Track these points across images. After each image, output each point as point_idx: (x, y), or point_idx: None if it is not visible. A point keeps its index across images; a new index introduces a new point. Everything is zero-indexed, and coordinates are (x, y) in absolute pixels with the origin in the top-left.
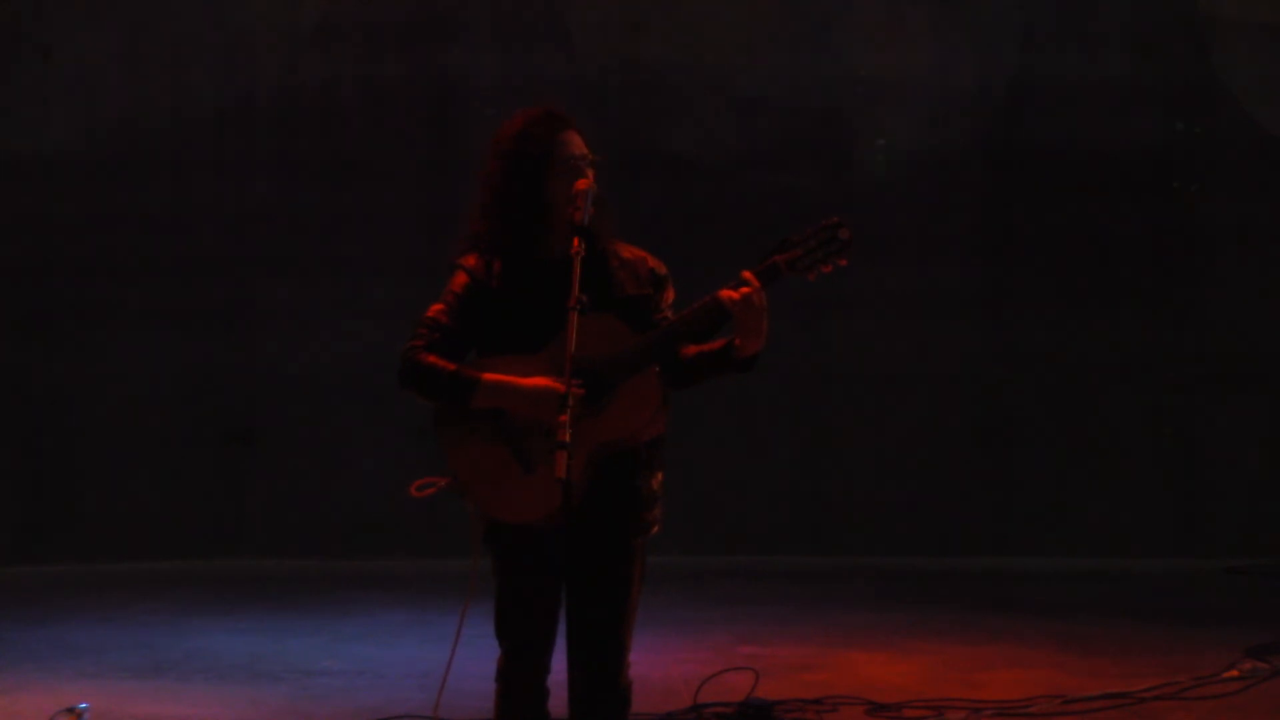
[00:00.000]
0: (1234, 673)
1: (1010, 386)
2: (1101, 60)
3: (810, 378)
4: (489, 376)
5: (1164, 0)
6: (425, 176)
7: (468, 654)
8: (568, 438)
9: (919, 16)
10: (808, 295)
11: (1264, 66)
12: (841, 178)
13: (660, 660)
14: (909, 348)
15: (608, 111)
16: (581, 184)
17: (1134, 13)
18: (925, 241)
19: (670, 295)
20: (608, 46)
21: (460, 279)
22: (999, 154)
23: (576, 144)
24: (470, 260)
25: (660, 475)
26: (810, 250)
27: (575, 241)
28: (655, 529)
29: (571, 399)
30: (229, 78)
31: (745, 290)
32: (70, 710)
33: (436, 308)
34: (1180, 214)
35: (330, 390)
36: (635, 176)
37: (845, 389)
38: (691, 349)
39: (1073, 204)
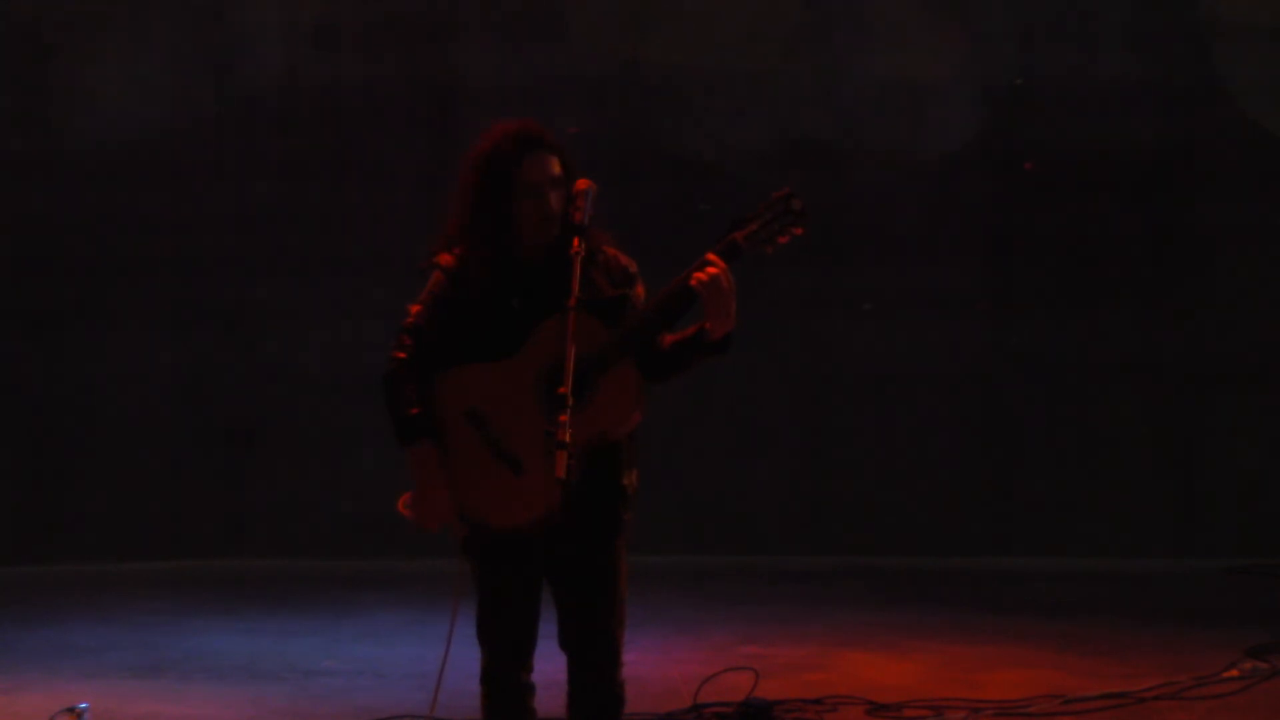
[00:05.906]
0: (1234, 673)
1: (1010, 386)
2: (1101, 60)
3: (810, 378)
4: (418, 451)
5: (1164, 0)
6: (425, 176)
7: (471, 653)
8: (568, 438)
9: (919, 17)
10: (808, 295)
11: (1264, 67)
12: (842, 178)
13: (660, 660)
14: (909, 348)
15: (608, 111)
16: (581, 184)
17: (1134, 13)
18: (925, 241)
19: (641, 292)
20: (608, 46)
21: (437, 278)
22: (999, 154)
23: (543, 166)
24: (446, 259)
25: (635, 474)
26: (766, 224)
27: (575, 241)
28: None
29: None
30: (229, 78)
31: (712, 271)
32: (70, 710)
33: (415, 310)
34: (1180, 214)
35: (330, 390)
36: (635, 176)
37: (845, 389)
38: (665, 339)
39: (1073, 204)
